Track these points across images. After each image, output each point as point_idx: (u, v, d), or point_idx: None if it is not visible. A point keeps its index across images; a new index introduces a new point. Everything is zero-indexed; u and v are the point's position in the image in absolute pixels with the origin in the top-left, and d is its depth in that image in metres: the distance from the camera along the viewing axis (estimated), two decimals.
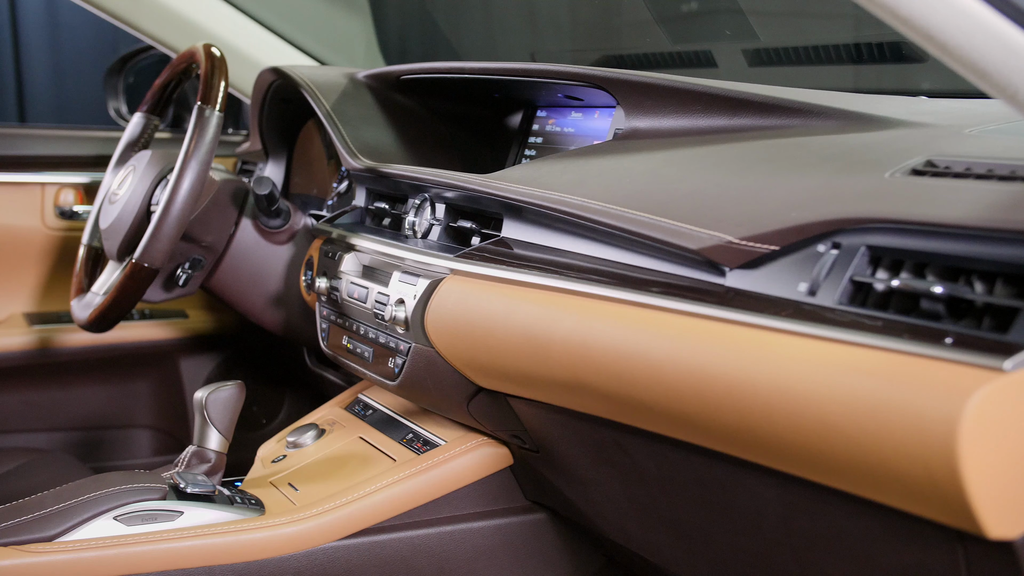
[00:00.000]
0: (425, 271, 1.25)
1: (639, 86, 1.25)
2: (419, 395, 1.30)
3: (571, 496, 1.25)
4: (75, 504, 1.16)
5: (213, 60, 1.56)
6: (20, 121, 5.24)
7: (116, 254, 1.64)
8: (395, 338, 1.30)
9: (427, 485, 1.29)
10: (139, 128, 1.83)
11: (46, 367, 2.14)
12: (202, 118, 1.51)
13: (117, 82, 2.51)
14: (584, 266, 1.04)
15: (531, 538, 1.36)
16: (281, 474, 1.39)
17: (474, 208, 1.30)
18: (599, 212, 1.02)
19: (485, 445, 1.31)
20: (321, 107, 1.64)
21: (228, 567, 1.20)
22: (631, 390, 0.93)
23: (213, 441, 1.33)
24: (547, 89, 1.51)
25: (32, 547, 1.12)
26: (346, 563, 1.25)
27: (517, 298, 1.07)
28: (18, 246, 2.12)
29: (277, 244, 1.68)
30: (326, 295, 1.48)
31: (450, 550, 1.31)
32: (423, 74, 1.60)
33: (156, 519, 1.19)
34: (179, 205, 1.48)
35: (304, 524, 1.23)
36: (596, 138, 1.46)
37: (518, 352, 1.06)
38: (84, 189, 2.17)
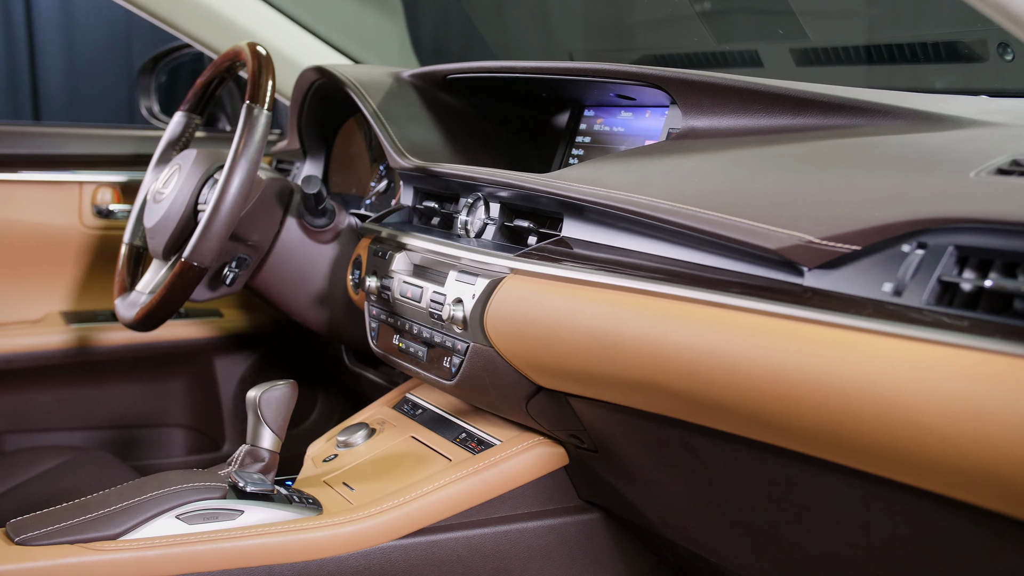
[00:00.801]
0: (484, 270, 1.25)
1: (698, 85, 1.25)
2: (476, 395, 1.30)
3: (629, 496, 1.25)
4: (138, 503, 1.16)
5: (260, 59, 1.56)
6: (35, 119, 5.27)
7: (162, 253, 1.64)
8: (452, 337, 1.29)
9: (483, 485, 1.29)
10: (180, 127, 1.83)
11: (82, 366, 2.15)
12: (251, 117, 1.51)
13: (149, 81, 2.52)
14: (653, 266, 1.04)
15: (584, 538, 1.35)
16: (334, 473, 1.39)
17: (531, 207, 1.30)
18: (669, 212, 1.02)
19: (541, 445, 1.31)
20: (368, 106, 1.64)
21: (288, 566, 1.20)
22: (707, 390, 0.92)
23: (266, 440, 1.33)
24: (596, 88, 1.51)
25: (97, 545, 1.12)
26: (403, 563, 1.25)
27: (584, 298, 1.07)
28: (56, 245, 2.13)
29: (322, 243, 1.68)
30: (376, 294, 1.47)
31: (505, 550, 1.31)
32: (471, 73, 1.60)
33: (217, 518, 1.19)
34: (229, 204, 1.48)
35: (362, 524, 1.23)
36: (647, 137, 1.45)
37: (585, 352, 1.06)
38: (121, 188, 2.18)
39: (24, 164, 2.09)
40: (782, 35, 1.58)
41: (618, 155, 1.28)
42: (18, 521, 1.16)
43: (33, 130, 2.16)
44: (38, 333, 2.10)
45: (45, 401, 2.15)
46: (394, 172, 1.88)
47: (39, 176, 2.10)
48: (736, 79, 1.22)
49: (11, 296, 2.11)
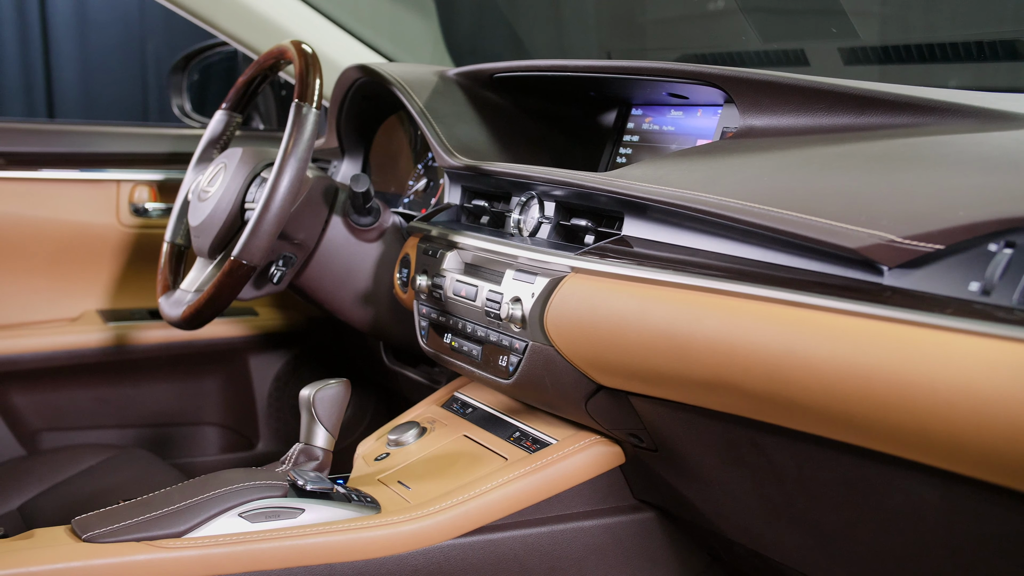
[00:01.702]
0: (543, 269, 1.24)
1: (758, 84, 1.25)
2: (533, 394, 1.30)
3: (688, 495, 1.25)
4: (201, 501, 1.17)
5: (307, 57, 1.56)
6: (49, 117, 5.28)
7: (207, 251, 1.65)
8: (509, 336, 1.29)
9: (541, 484, 1.29)
10: (221, 125, 1.83)
11: (119, 364, 2.15)
12: (300, 115, 1.51)
13: (181, 80, 2.52)
14: (723, 265, 1.04)
15: (639, 537, 1.35)
16: (388, 472, 1.39)
17: (588, 206, 1.30)
18: (741, 211, 1.02)
19: (598, 444, 1.31)
20: (415, 105, 1.64)
21: (348, 564, 1.20)
22: (785, 390, 0.92)
23: (320, 438, 1.34)
24: (646, 87, 1.50)
25: (162, 543, 1.12)
26: (461, 561, 1.25)
27: (653, 297, 1.07)
28: (93, 243, 2.13)
29: (367, 242, 1.68)
30: (427, 293, 1.47)
31: (561, 549, 1.30)
32: (519, 72, 1.60)
33: (279, 516, 1.19)
34: (279, 202, 1.48)
35: (421, 522, 1.23)
36: (699, 136, 1.45)
37: (653, 351, 1.06)
38: (158, 186, 2.18)
39: (62, 162, 2.10)
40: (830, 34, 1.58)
41: (678, 154, 1.28)
42: (83, 518, 1.16)
43: (71, 128, 2.16)
44: (75, 331, 2.11)
45: (82, 399, 2.16)
46: (434, 170, 1.88)
47: (77, 175, 2.11)
48: (798, 78, 1.22)
49: (49, 294, 2.12)
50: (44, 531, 1.14)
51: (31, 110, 5.37)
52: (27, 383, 2.08)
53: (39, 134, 2.12)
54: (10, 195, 2.05)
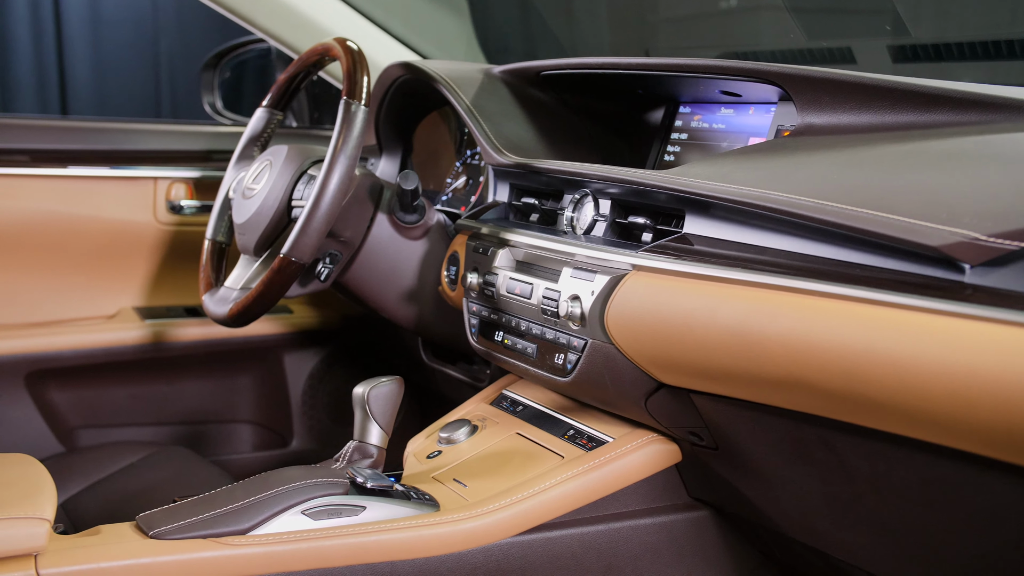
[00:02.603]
0: (602, 267, 1.24)
1: (819, 82, 1.25)
2: (592, 391, 1.30)
3: (748, 493, 1.25)
4: (265, 498, 1.17)
5: (353, 55, 1.56)
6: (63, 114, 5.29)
7: (253, 249, 1.65)
8: (566, 334, 1.29)
9: (598, 482, 1.28)
10: (262, 123, 1.82)
11: (155, 361, 2.16)
12: (348, 113, 1.51)
13: (212, 77, 2.52)
14: (794, 263, 1.04)
15: (693, 535, 1.35)
16: (442, 470, 1.39)
17: (645, 204, 1.30)
18: (813, 208, 1.01)
19: (655, 442, 1.31)
20: (461, 102, 1.64)
21: (409, 562, 1.20)
22: (863, 388, 0.92)
23: (374, 436, 1.34)
24: (696, 84, 1.50)
25: (228, 540, 1.12)
26: (520, 559, 1.25)
27: (722, 294, 1.06)
28: (131, 240, 2.14)
29: (412, 239, 1.68)
30: (477, 291, 1.47)
31: (618, 547, 1.30)
32: (567, 70, 1.59)
33: (340, 514, 1.19)
34: (328, 200, 1.48)
35: (481, 520, 1.23)
36: (751, 134, 1.45)
37: (722, 350, 1.06)
38: (195, 184, 2.18)
39: (100, 160, 2.10)
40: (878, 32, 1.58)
41: (737, 152, 1.28)
42: (148, 515, 1.16)
43: (109, 126, 2.16)
44: (112, 329, 2.11)
45: (118, 396, 2.16)
46: (473, 168, 1.88)
47: (115, 172, 2.11)
48: (861, 75, 1.21)
49: (86, 292, 2.12)
50: (110, 528, 1.15)
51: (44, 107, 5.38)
52: (65, 380, 2.08)
53: (78, 132, 2.12)
54: (50, 192, 2.05)
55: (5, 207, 2.02)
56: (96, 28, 5.31)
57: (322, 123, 2.51)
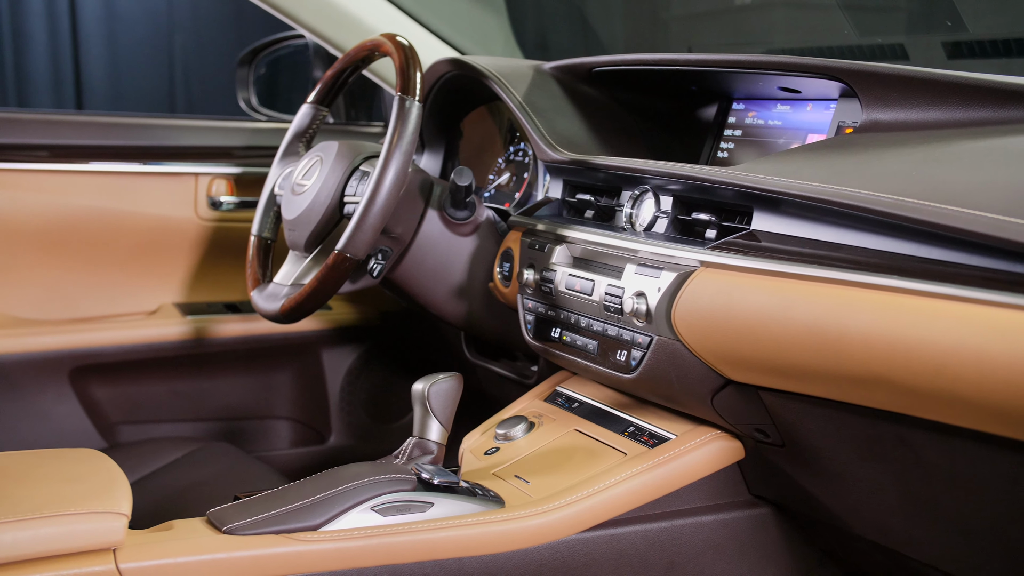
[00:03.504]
0: (668, 263, 1.24)
1: (887, 78, 1.24)
2: (657, 388, 1.29)
3: (814, 490, 1.25)
4: (335, 494, 1.17)
5: (405, 51, 1.56)
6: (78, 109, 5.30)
7: (304, 245, 1.64)
8: (630, 331, 1.29)
9: (663, 479, 1.28)
10: (307, 119, 1.82)
11: (195, 357, 2.16)
12: (403, 109, 1.51)
13: (247, 74, 2.52)
14: (875, 261, 1.03)
15: (754, 532, 1.35)
16: (502, 466, 1.38)
17: (709, 200, 1.29)
18: (894, 205, 1.01)
19: (718, 439, 1.31)
20: (513, 99, 1.63)
21: (477, 559, 1.20)
22: (951, 386, 0.91)
23: (434, 432, 1.33)
24: (753, 80, 1.50)
25: (300, 535, 1.12)
26: (585, 556, 1.25)
27: (797, 291, 1.06)
28: (172, 236, 2.14)
29: (462, 236, 1.68)
30: (533, 287, 1.47)
31: (681, 544, 1.30)
32: (621, 66, 1.59)
33: (409, 510, 1.19)
34: (384, 196, 1.48)
35: (547, 517, 1.23)
36: (809, 131, 1.44)
37: (798, 347, 1.05)
38: (235, 180, 2.18)
39: (142, 156, 2.10)
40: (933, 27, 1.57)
41: (804, 149, 1.27)
42: (219, 511, 1.16)
43: (151, 122, 2.17)
44: (153, 325, 2.11)
45: (158, 392, 2.16)
46: (517, 164, 1.88)
47: (157, 168, 2.11)
48: (931, 72, 1.21)
49: (128, 288, 2.13)
50: (182, 523, 1.15)
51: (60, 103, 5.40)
52: (107, 376, 2.09)
53: (120, 128, 2.12)
54: (93, 188, 2.06)
55: (51, 203, 2.02)
56: (111, 25, 5.32)
57: (357, 120, 2.51)
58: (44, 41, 5.28)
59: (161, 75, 5.49)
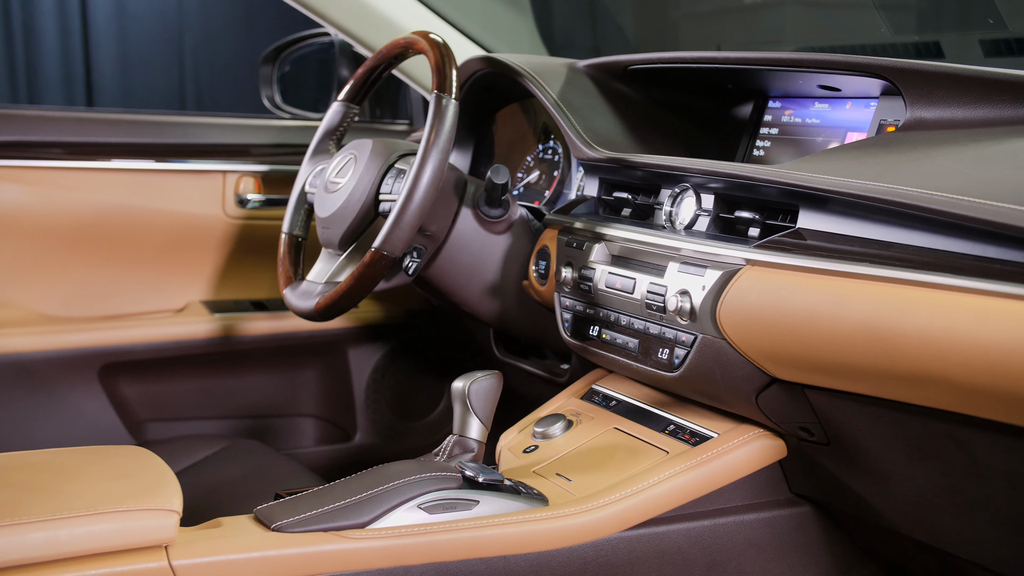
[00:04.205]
0: (713, 262, 1.24)
1: (933, 76, 1.24)
2: (700, 386, 1.29)
3: (859, 489, 1.24)
4: (383, 492, 1.17)
5: (440, 48, 1.56)
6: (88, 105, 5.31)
7: (338, 243, 1.64)
8: (673, 329, 1.29)
9: (706, 477, 1.28)
10: (338, 117, 1.82)
11: (222, 355, 2.16)
12: (440, 107, 1.50)
13: (271, 71, 2.52)
14: (928, 259, 1.03)
15: (795, 531, 1.35)
16: (542, 464, 1.38)
17: (752, 198, 1.29)
18: (949, 203, 1.01)
19: (761, 438, 1.30)
20: (548, 97, 1.63)
21: (522, 557, 1.20)
22: (1011, 384, 0.91)
23: (474, 430, 1.33)
24: (791, 78, 1.49)
25: (348, 533, 1.12)
26: (628, 554, 1.25)
27: (848, 290, 1.06)
28: (200, 234, 2.14)
29: (495, 234, 1.68)
30: (571, 285, 1.47)
31: (722, 542, 1.30)
32: (658, 64, 1.59)
33: (455, 508, 1.19)
34: (421, 194, 1.48)
35: (591, 515, 1.23)
36: (849, 129, 1.44)
37: (849, 346, 1.05)
38: (262, 177, 2.18)
39: (170, 153, 2.10)
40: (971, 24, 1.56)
41: (849, 147, 1.27)
42: (266, 508, 1.16)
43: (179, 119, 2.17)
44: (181, 323, 2.12)
45: (185, 389, 2.17)
46: (547, 162, 1.88)
47: (186, 165, 2.11)
48: (979, 69, 1.21)
49: (155, 285, 2.13)
50: (230, 520, 1.15)
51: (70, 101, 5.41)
52: (135, 373, 2.09)
53: (149, 125, 2.12)
54: (121, 186, 2.06)
55: (81, 200, 2.03)
56: (122, 23, 5.34)
57: (382, 118, 2.51)
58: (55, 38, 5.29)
59: (171, 73, 5.50)
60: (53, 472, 1.11)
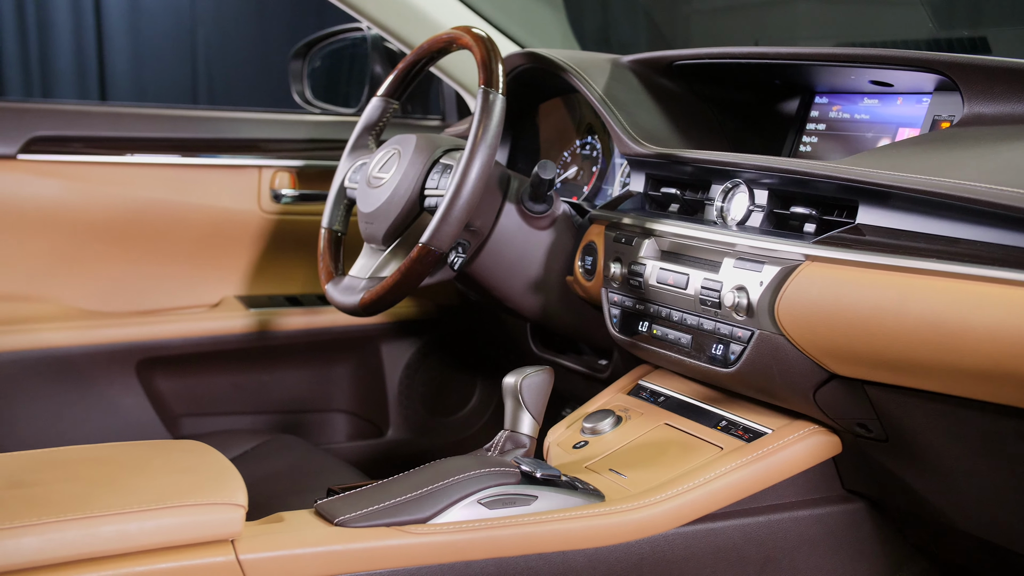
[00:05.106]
0: (770, 257, 1.23)
1: (994, 71, 1.23)
2: (756, 382, 1.29)
3: (916, 485, 1.24)
4: (443, 487, 1.17)
5: (486, 43, 1.55)
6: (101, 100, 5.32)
7: (382, 238, 1.64)
8: (729, 324, 1.29)
9: (761, 473, 1.28)
10: (377, 112, 1.81)
11: (256, 350, 2.16)
12: (487, 102, 1.50)
13: (301, 67, 2.52)
14: (997, 255, 1.02)
15: (849, 528, 1.35)
16: (594, 460, 1.38)
17: (808, 194, 1.28)
18: (1020, 199, 1.00)
19: (816, 434, 1.30)
20: (593, 92, 1.63)
21: (580, 552, 1.20)
22: None
23: (526, 425, 1.33)
24: (838, 74, 1.49)
25: (410, 528, 1.12)
26: (684, 550, 1.25)
27: (914, 285, 1.06)
28: (235, 229, 2.14)
29: (538, 229, 1.67)
30: (620, 281, 1.47)
31: (777, 539, 1.30)
32: (705, 59, 1.58)
33: (514, 503, 1.19)
34: (470, 189, 1.47)
35: (649, 511, 1.23)
36: (901, 125, 1.43)
37: (917, 342, 1.05)
38: (297, 173, 2.18)
39: (207, 148, 2.10)
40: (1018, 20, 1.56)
41: (908, 143, 1.27)
42: (327, 503, 1.16)
43: (214, 115, 2.17)
44: (216, 317, 2.12)
45: (219, 385, 2.17)
46: (586, 158, 1.88)
47: (222, 160, 2.11)
48: None
49: (191, 280, 2.13)
50: (291, 515, 1.15)
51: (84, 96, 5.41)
52: (170, 368, 2.09)
53: (187, 120, 2.13)
54: (157, 181, 2.06)
55: (117, 195, 2.03)
56: (135, 18, 5.35)
57: (413, 113, 2.50)
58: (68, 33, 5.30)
59: (184, 68, 5.51)
60: (117, 466, 1.11)
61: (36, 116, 1.99)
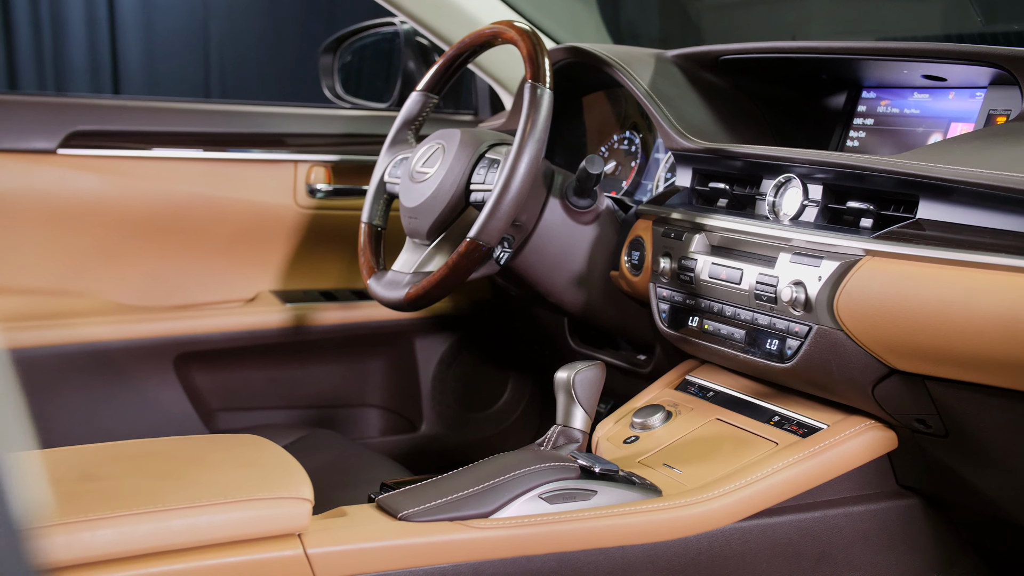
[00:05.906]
0: (828, 252, 1.23)
1: None
2: (813, 377, 1.29)
3: (977, 482, 1.24)
4: (505, 482, 1.17)
5: (532, 37, 1.55)
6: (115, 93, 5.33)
7: (426, 233, 1.64)
8: (785, 320, 1.28)
9: (817, 469, 1.28)
10: (417, 107, 1.81)
11: (291, 345, 2.16)
12: (535, 96, 1.50)
13: (331, 61, 2.51)
14: None
15: (903, 523, 1.34)
16: (647, 455, 1.38)
17: (864, 189, 1.28)
18: None
19: (872, 429, 1.30)
20: (639, 87, 1.63)
21: (639, 547, 1.20)
22: None
23: (579, 420, 1.34)
24: (888, 68, 1.48)
25: (473, 523, 1.13)
26: (741, 545, 1.25)
27: (982, 280, 1.05)
28: (271, 224, 2.14)
29: (582, 224, 1.67)
30: (669, 276, 1.47)
31: (832, 534, 1.30)
32: (752, 54, 1.58)
33: (574, 498, 1.19)
34: (518, 184, 1.47)
35: (706, 506, 1.23)
36: (953, 119, 1.43)
37: (985, 337, 1.05)
38: (332, 168, 2.18)
39: (243, 143, 2.10)
40: None
41: (968, 137, 1.26)
42: (388, 497, 1.16)
43: (250, 109, 2.17)
44: (253, 312, 2.12)
45: (254, 379, 2.17)
46: (624, 153, 1.87)
47: (258, 155, 2.11)
48: None
49: (226, 275, 2.13)
50: (353, 509, 1.15)
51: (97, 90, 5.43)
52: (207, 363, 2.09)
53: (223, 115, 2.13)
54: (194, 176, 2.06)
55: (154, 189, 2.03)
56: (148, 12, 5.36)
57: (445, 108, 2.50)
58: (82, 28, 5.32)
59: (196, 62, 5.52)
60: (182, 460, 1.11)
61: (76, 111, 1.99)
